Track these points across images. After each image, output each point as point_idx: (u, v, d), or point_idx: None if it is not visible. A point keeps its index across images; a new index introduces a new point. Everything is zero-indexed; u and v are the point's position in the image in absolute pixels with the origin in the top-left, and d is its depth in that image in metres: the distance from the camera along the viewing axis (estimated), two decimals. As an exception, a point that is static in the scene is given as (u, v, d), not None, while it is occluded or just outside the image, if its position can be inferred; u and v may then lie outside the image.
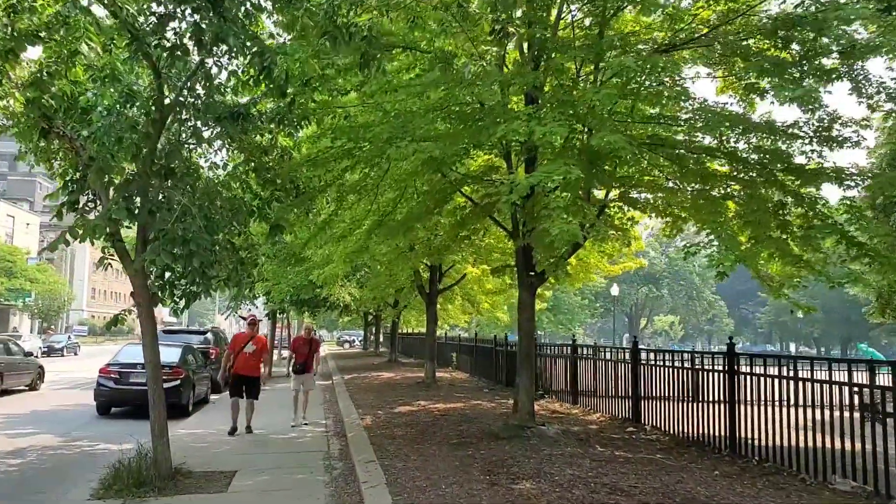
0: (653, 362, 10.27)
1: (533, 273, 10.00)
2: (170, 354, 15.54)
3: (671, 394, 9.69)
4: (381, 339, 42.54)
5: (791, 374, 7.48)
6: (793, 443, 7.21)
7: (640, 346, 10.71)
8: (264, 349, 11.43)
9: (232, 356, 11.04)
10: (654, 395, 10.25)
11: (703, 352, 9.43)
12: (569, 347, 13.53)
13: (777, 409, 7.53)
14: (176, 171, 8.22)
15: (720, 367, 8.43)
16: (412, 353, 34.82)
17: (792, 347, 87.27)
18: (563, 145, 8.01)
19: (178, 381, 14.63)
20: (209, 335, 20.50)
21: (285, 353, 44.02)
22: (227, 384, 11.77)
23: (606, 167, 7.90)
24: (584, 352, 13.03)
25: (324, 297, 24.40)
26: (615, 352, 12.24)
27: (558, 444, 8.73)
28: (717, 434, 8.36)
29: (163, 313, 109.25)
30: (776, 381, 7.63)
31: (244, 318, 21.37)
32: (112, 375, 14.58)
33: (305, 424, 11.97)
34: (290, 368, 12.37)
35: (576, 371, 12.94)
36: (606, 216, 10.19)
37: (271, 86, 9.54)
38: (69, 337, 48.79)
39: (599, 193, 10.37)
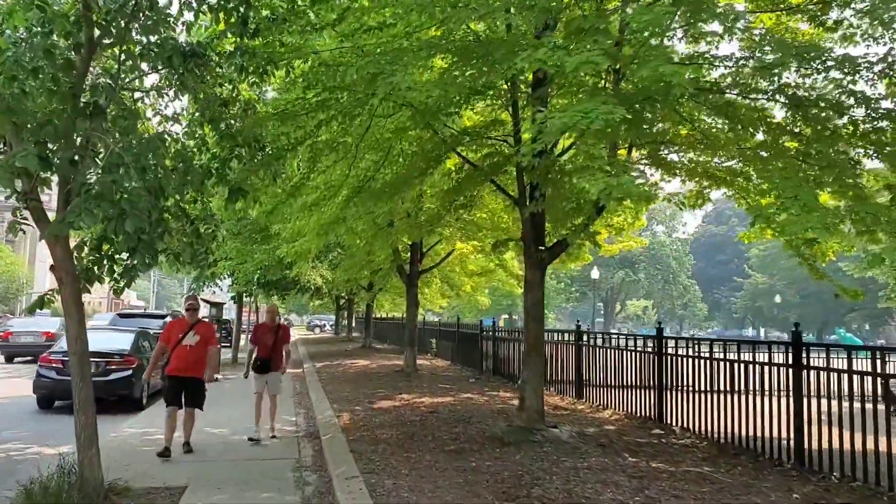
0: (683, 352, 8.84)
1: (543, 248, 8.50)
2: (121, 341, 13.85)
3: (699, 387, 8.32)
4: (354, 324, 40.83)
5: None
6: (881, 449, 5.84)
7: (666, 334, 9.27)
8: (211, 340, 8.46)
9: (166, 351, 8.46)
10: (677, 389, 8.87)
11: (758, 340, 8.03)
12: (572, 334, 12.08)
13: (849, 406, 6.17)
14: (106, 112, 6.51)
15: (782, 360, 7.02)
16: (386, 338, 33.24)
17: (770, 333, 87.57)
18: (593, 85, 6.49)
19: (129, 371, 12.96)
20: (169, 319, 18.69)
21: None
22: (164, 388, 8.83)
23: (647, 112, 6.39)
24: (592, 339, 11.60)
25: (294, 279, 22.68)
26: (626, 339, 10.83)
27: (578, 451, 7.27)
28: (774, 439, 6.96)
29: (130, 297, 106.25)
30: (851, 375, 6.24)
31: (208, 301, 19.68)
32: (54, 364, 12.82)
33: (274, 438, 9.31)
34: (250, 365, 9.61)
35: (581, 361, 11.51)
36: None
37: (230, 17, 7.92)
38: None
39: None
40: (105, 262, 7.66)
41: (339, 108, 8.33)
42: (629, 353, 10.10)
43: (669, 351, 9.13)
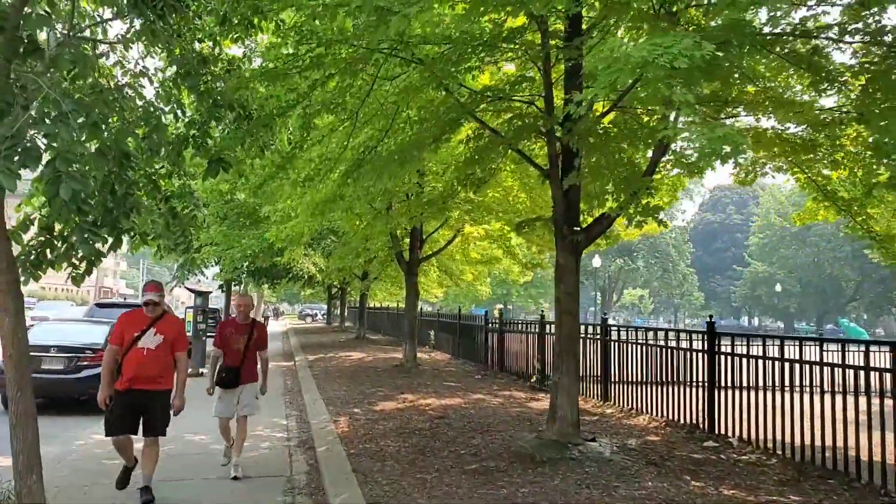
0: (743, 351, 7.59)
1: (578, 229, 7.24)
2: (94, 334, 12.50)
3: (760, 391, 7.11)
4: (346, 314, 39.51)
5: None
6: None
7: (718, 330, 8.02)
8: (179, 342, 6.05)
9: (118, 357, 5.91)
10: (731, 390, 7.65)
11: (813, 337, 6.81)
12: (597, 327, 10.84)
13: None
14: (45, 50, 5.19)
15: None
16: (380, 328, 32.00)
17: (766, 323, 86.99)
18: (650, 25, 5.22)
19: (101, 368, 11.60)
20: (148, 310, 17.37)
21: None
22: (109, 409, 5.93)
23: (723, 61, 5.11)
24: (621, 334, 10.36)
25: (285, 267, 21.39)
26: (662, 334, 9.61)
27: (628, 473, 6.05)
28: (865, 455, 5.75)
29: (118, 286, 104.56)
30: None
31: (193, 290, 18.32)
32: (14, 361, 11.45)
33: (236, 477, 6.72)
34: (213, 377, 7.02)
35: (608, 358, 10.28)
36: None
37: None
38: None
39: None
40: (59, 244, 6.37)
41: (337, 64, 7.03)
42: (669, 350, 8.87)
43: (725, 349, 7.89)
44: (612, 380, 10.24)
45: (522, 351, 13.69)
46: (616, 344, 10.21)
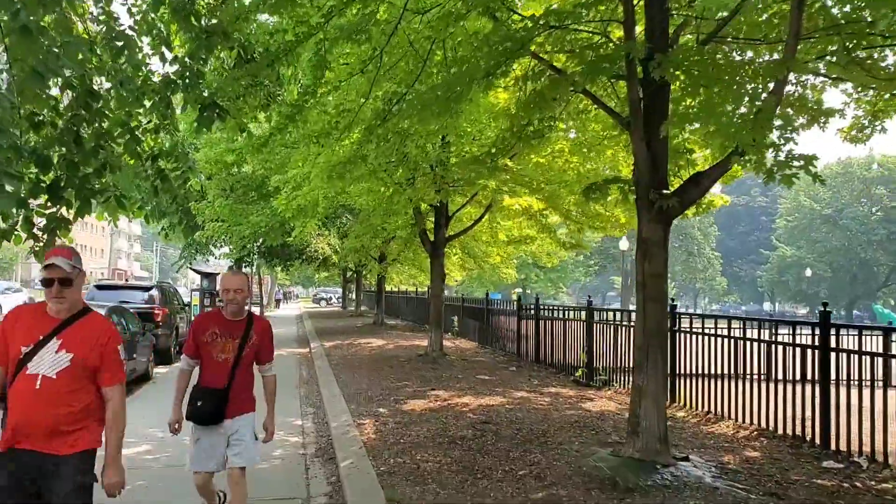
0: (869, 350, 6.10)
1: (668, 191, 5.75)
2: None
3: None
4: (361, 298, 38.12)
5: None
6: None
7: (834, 321, 6.49)
8: (109, 370, 3.21)
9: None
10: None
11: None
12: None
13: None
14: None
15: None
16: (399, 313, 30.66)
17: (798, 310, 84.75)
18: None
19: (91, 359, 10.23)
20: (154, 291, 16.04)
21: (255, 309, 39.36)
22: None
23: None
24: (692, 323, 8.86)
25: (298, 248, 20.04)
26: (752, 324, 8.12)
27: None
28: None
29: (132, 268, 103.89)
30: None
31: (199, 271, 17.05)
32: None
33: None
34: (180, 405, 4.51)
35: (675, 351, 8.78)
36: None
37: None
38: (20, 289, 43.85)
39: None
40: (16, 210, 5.04)
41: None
42: (767, 345, 7.37)
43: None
44: (681, 374, 8.74)
45: (564, 341, 12.22)
46: (683, 336, 8.70)
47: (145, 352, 12.68)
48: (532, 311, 13.90)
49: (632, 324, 10.41)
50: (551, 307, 13.68)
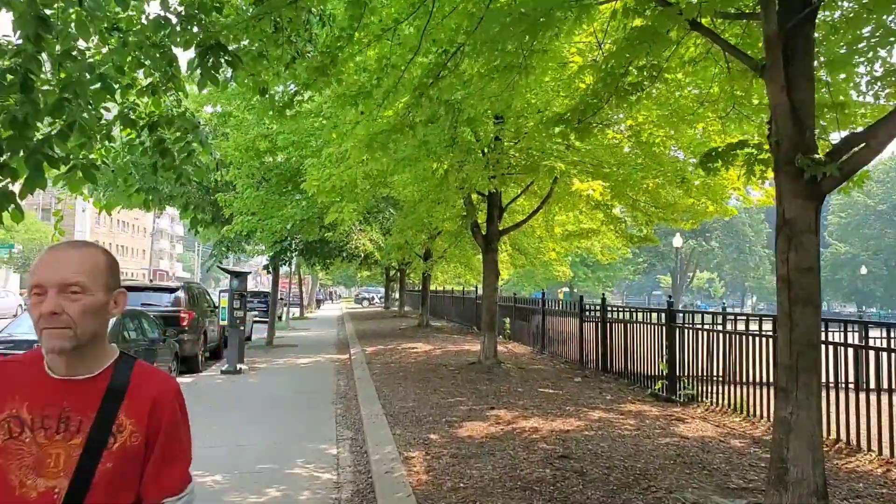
0: None
1: (821, 157, 4.15)
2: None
3: None
4: (405, 298, 36.75)
5: None
6: None
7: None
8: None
9: None
10: None
11: None
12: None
13: None
14: None
15: None
16: (444, 314, 29.19)
17: (845, 308, 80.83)
18: None
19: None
20: (180, 293, 14.85)
21: (295, 310, 38.27)
22: None
23: None
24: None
25: (338, 244, 18.73)
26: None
27: None
28: None
29: (175, 268, 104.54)
30: None
31: (228, 270, 15.78)
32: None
33: None
34: None
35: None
36: None
37: None
38: (57, 293, 43.75)
39: None
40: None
41: None
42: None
43: None
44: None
45: (638, 347, 10.58)
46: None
47: (166, 360, 11.46)
48: (597, 313, 12.28)
49: (716, 328, 8.81)
50: (620, 308, 12.04)
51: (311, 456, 6.86)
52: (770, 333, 7.66)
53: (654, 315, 10.52)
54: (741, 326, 8.61)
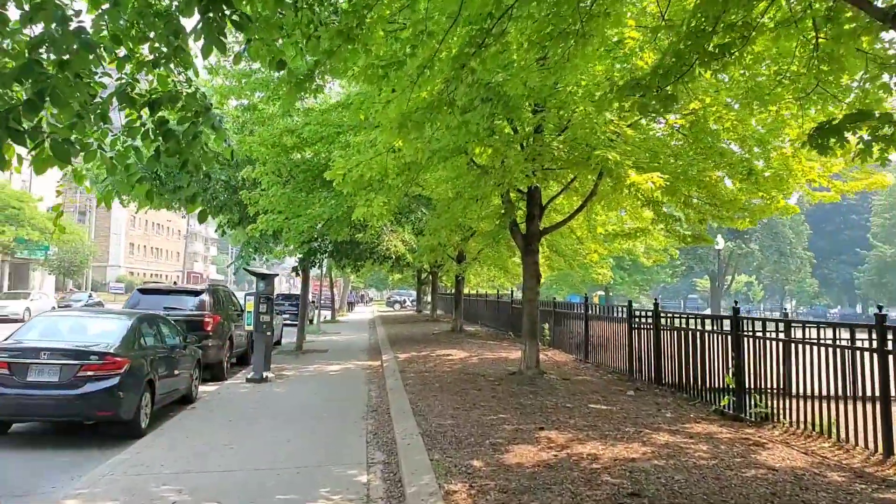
0: None
1: None
2: (105, 331, 9.26)
3: None
4: (436, 301, 35.85)
5: None
6: None
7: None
8: None
9: None
10: None
11: None
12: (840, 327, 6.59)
13: None
14: None
15: None
16: (477, 318, 28.24)
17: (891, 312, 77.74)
18: None
19: (114, 379, 8.32)
20: (205, 296, 14.16)
21: (326, 313, 37.65)
22: None
23: None
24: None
25: (369, 246, 17.94)
26: None
27: None
28: None
29: (209, 271, 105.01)
30: None
31: (254, 272, 15.05)
32: (-7, 369, 8.22)
33: None
34: None
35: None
36: None
37: None
38: (90, 295, 43.84)
39: None
40: None
41: None
42: None
43: None
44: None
45: (697, 358, 9.56)
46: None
47: (186, 368, 10.72)
48: (649, 319, 11.27)
49: (795, 336, 7.76)
50: (674, 314, 11.01)
51: (337, 484, 6.02)
52: (865, 346, 6.62)
53: (709, 321, 9.49)
54: (812, 334, 7.56)
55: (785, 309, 75.53)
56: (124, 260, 73.04)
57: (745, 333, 8.46)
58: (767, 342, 7.97)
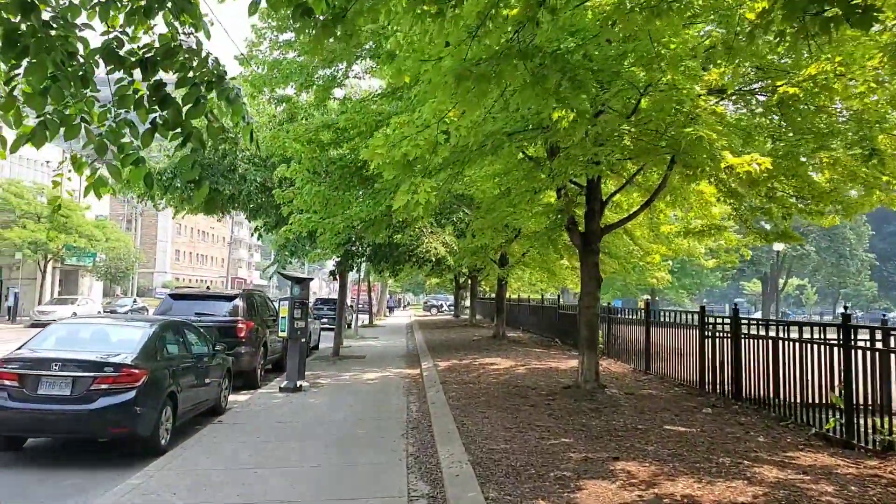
0: None
1: None
2: (122, 340, 8.40)
3: None
4: (475, 306, 34.65)
5: None
6: None
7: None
8: None
9: None
10: None
11: None
12: None
13: None
14: None
15: None
16: (518, 324, 27.03)
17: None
18: None
19: (131, 393, 7.47)
20: (238, 301, 13.31)
21: (364, 318, 36.62)
22: None
23: None
24: None
25: (408, 248, 16.96)
26: None
27: None
28: None
29: (252, 277, 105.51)
30: None
31: (288, 276, 14.16)
32: (7, 382, 7.44)
33: None
34: None
35: None
36: None
37: None
38: (135, 301, 43.85)
39: None
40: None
41: None
42: None
43: None
44: None
45: (789, 371, 8.29)
46: None
47: (215, 378, 9.85)
48: (727, 327, 10.01)
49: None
50: (758, 321, 9.74)
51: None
52: None
53: (796, 328, 8.20)
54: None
55: (850, 311, 72.31)
56: (170, 266, 73.86)
57: (857, 345, 7.17)
58: (892, 355, 6.68)
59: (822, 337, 7.73)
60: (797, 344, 8.10)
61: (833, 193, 9.14)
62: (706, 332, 10.48)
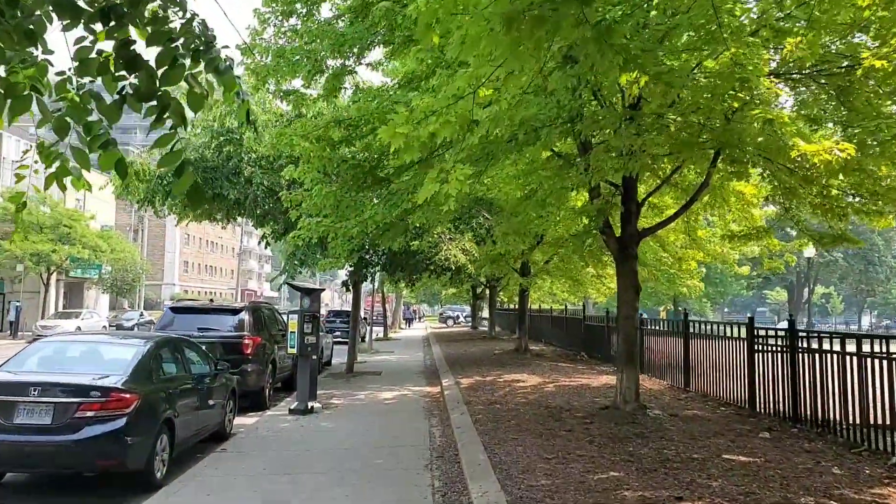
0: None
1: None
2: (111, 361, 7.56)
3: None
4: (494, 317, 33.63)
5: None
6: None
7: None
8: None
9: None
10: None
11: None
12: None
13: None
14: None
15: None
16: (540, 336, 25.98)
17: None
18: None
19: (119, 421, 6.66)
20: (244, 315, 12.46)
21: (378, 330, 35.67)
22: None
23: None
24: None
25: (425, 256, 16.08)
26: None
27: None
28: None
29: (262, 289, 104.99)
30: None
31: (297, 287, 13.30)
32: (-22, 409, 6.62)
33: None
34: None
35: None
36: None
37: None
38: (141, 314, 43.09)
39: None
40: None
41: None
42: None
43: None
44: None
45: (858, 391, 7.30)
46: None
47: (218, 400, 9.00)
48: (781, 340, 9.02)
49: None
50: (819, 333, 8.76)
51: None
52: None
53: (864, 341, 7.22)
54: None
55: (840, 321, 70.39)
56: (178, 278, 73.10)
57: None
58: None
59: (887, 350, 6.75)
60: (874, 360, 7.10)
61: (893, 191, 8.18)
62: (756, 346, 9.51)
